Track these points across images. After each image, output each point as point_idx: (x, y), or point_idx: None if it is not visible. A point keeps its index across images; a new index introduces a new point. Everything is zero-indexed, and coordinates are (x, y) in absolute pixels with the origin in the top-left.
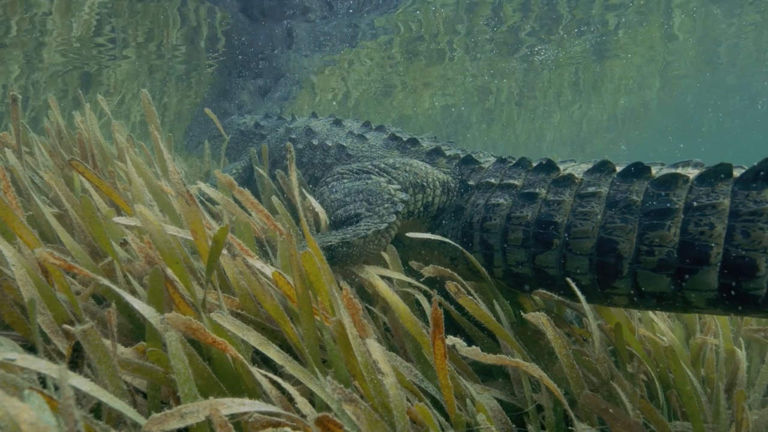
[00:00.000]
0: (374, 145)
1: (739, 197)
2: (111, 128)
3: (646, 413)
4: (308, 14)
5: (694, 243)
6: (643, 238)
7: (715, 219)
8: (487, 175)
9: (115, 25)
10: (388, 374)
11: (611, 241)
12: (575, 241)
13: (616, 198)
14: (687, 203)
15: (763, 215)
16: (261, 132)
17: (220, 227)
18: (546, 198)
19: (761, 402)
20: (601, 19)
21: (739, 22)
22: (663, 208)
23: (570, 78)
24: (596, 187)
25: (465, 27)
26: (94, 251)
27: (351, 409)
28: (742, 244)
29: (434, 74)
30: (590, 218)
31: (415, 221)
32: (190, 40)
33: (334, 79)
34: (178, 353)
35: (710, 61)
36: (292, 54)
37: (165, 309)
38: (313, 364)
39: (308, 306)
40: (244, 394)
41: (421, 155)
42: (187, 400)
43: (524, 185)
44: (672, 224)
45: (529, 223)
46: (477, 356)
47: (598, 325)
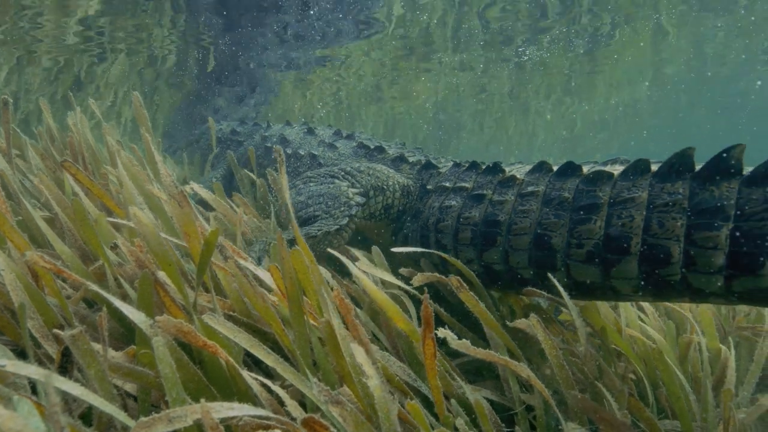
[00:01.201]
0: (344, 154)
1: (656, 190)
2: (102, 131)
3: (635, 412)
4: (284, 22)
5: (617, 235)
6: (573, 232)
7: (635, 211)
8: (443, 179)
9: (104, 27)
10: (373, 377)
11: (546, 236)
12: (515, 237)
13: (551, 196)
14: (611, 198)
15: (676, 206)
16: (238, 138)
17: (212, 230)
18: (492, 198)
19: (751, 400)
20: (591, 22)
21: (726, 24)
22: (590, 204)
23: (561, 78)
24: (535, 187)
25: (451, 29)
26: (85, 255)
27: (337, 411)
28: (658, 233)
29: (424, 78)
30: (528, 216)
31: (378, 223)
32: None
33: (327, 77)
34: (166, 358)
35: (700, 61)
36: (267, 62)
37: (156, 312)
38: (304, 366)
39: (298, 307)
40: (236, 397)
41: (387, 162)
42: (174, 404)
43: (474, 187)
44: (598, 218)
45: (476, 223)
46: (467, 350)
47: (583, 321)
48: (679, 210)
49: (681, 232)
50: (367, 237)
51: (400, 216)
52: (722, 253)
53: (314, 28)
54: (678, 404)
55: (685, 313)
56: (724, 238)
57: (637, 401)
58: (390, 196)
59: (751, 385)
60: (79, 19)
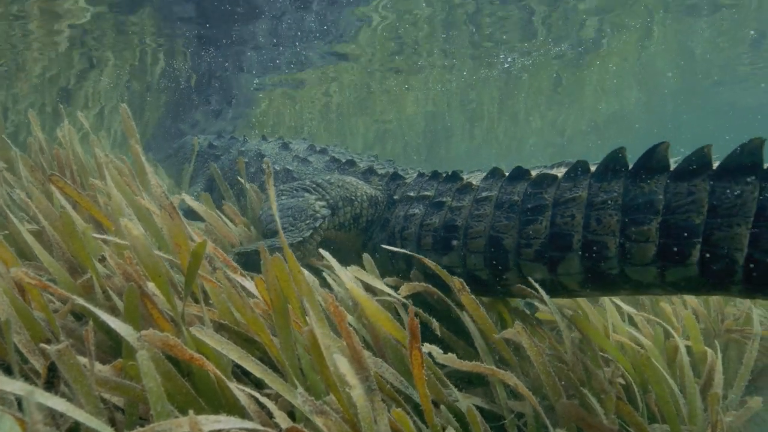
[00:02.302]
0: (317, 168)
1: (594, 189)
2: (90, 142)
3: (625, 416)
4: (258, 39)
5: (561, 233)
6: (522, 232)
7: (576, 210)
8: (408, 189)
9: (89, 45)
10: (356, 386)
11: (498, 237)
12: (472, 240)
13: (503, 200)
14: (555, 199)
15: (611, 203)
16: (215, 153)
17: (199, 241)
18: (451, 205)
19: (740, 402)
20: (579, 27)
21: (711, 26)
22: (536, 205)
23: (549, 84)
24: (489, 192)
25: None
26: (73, 268)
27: (322, 420)
28: (597, 230)
29: (413, 82)
30: (483, 220)
31: (348, 233)
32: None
33: (316, 89)
34: (150, 371)
35: (687, 65)
36: (243, 77)
37: (145, 324)
38: (292, 376)
39: (283, 318)
40: (225, 409)
41: (357, 174)
42: (159, 418)
43: (435, 195)
44: (543, 218)
45: (437, 229)
46: (453, 363)
47: (568, 327)
48: (615, 207)
49: (617, 228)
50: (339, 247)
51: (369, 226)
52: (654, 245)
53: (283, 56)
54: (667, 408)
55: (671, 317)
56: (654, 231)
57: (627, 405)
58: (358, 206)
59: (740, 387)
60: (68, 25)
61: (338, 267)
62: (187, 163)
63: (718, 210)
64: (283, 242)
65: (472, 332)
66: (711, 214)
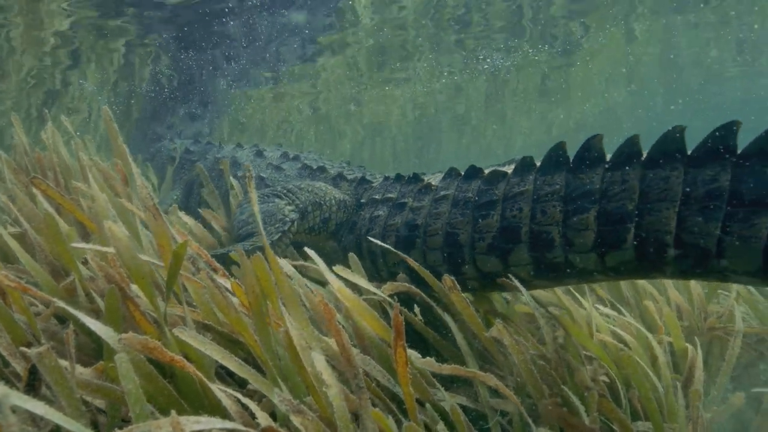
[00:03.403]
0: (290, 175)
1: (539, 183)
2: (74, 146)
3: (608, 413)
4: (232, 43)
5: (510, 225)
6: (476, 227)
7: (524, 203)
8: (374, 192)
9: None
10: (333, 386)
11: (454, 234)
12: (430, 238)
13: (458, 198)
14: (505, 194)
15: (554, 195)
16: (191, 158)
17: (180, 242)
18: (411, 205)
19: (722, 399)
20: (564, 29)
21: (696, 23)
22: (488, 201)
23: (535, 84)
24: (446, 191)
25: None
26: (57, 270)
27: (299, 419)
28: (542, 221)
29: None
30: (440, 217)
31: (318, 236)
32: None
33: (305, 88)
34: (129, 373)
35: (673, 64)
36: (218, 81)
37: (127, 326)
38: (275, 376)
39: (262, 319)
40: (208, 410)
41: (328, 180)
42: (138, 420)
43: (398, 197)
44: (494, 213)
45: (399, 228)
46: (431, 367)
47: (550, 327)
48: (558, 198)
49: (560, 218)
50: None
51: (339, 229)
52: (592, 232)
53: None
54: (649, 405)
55: (654, 315)
56: (592, 219)
57: (609, 403)
58: (327, 210)
59: (722, 384)
60: (53, 32)
61: (324, 267)
62: (169, 165)
63: (648, 195)
64: (265, 244)
65: (454, 332)
66: (642, 199)
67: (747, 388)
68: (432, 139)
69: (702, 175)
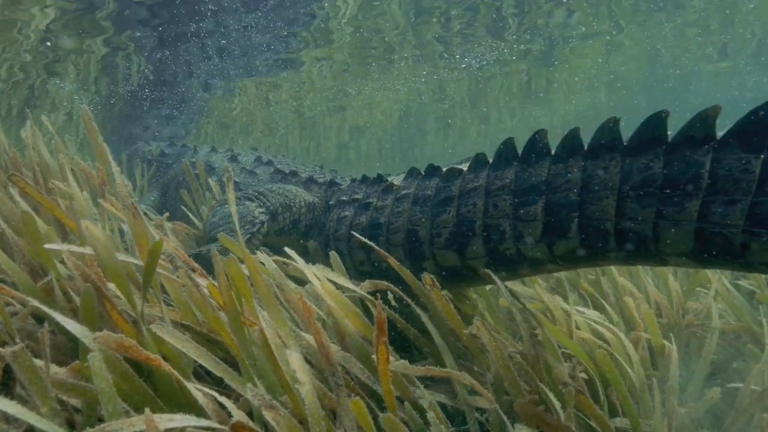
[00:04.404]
0: (262, 179)
1: (491, 178)
2: (53, 146)
3: (585, 409)
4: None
5: (465, 220)
6: (434, 223)
7: (477, 198)
8: (342, 194)
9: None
10: (305, 383)
11: (414, 230)
12: (393, 235)
13: (418, 195)
14: (461, 190)
15: (505, 189)
16: (166, 161)
17: (155, 240)
18: (376, 205)
19: (699, 394)
20: (545, 28)
21: (678, 23)
22: (445, 197)
23: (518, 83)
24: (407, 190)
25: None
26: (35, 270)
27: (271, 415)
28: (494, 214)
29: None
30: (402, 215)
31: (289, 237)
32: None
33: (287, 87)
34: (101, 372)
35: (655, 64)
36: (194, 82)
37: (105, 326)
38: (251, 374)
39: (236, 318)
40: (185, 409)
41: (299, 183)
42: (111, 418)
43: (363, 197)
44: (451, 208)
45: (364, 228)
46: (405, 369)
47: (528, 325)
48: (508, 192)
49: (510, 211)
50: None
51: (308, 230)
52: (540, 223)
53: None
54: (626, 403)
55: (633, 312)
56: (540, 210)
57: (587, 399)
58: (296, 211)
59: (699, 379)
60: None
61: (303, 265)
62: (146, 167)
63: (590, 185)
64: (241, 243)
65: (430, 330)
66: (584, 190)
67: (724, 383)
68: (417, 139)
69: (637, 164)
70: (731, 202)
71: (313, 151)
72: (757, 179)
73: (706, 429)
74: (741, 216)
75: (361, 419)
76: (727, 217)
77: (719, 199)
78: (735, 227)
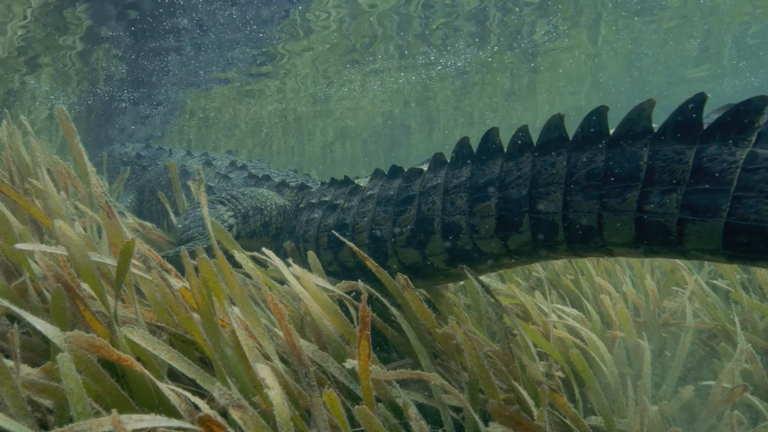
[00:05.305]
0: (236, 183)
1: (449, 177)
2: (31, 145)
3: (560, 408)
4: (182, 45)
5: (425, 218)
6: (396, 222)
7: (436, 197)
8: (312, 197)
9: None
10: (274, 387)
11: (378, 230)
12: (358, 235)
13: (382, 196)
14: (420, 189)
15: (461, 187)
16: (142, 163)
17: (127, 240)
18: (343, 206)
19: (673, 392)
20: (528, 30)
21: (658, 28)
22: (406, 197)
23: (502, 83)
24: (372, 191)
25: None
26: (9, 270)
27: (238, 414)
28: (451, 211)
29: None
30: (366, 215)
31: (260, 239)
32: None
33: (270, 90)
34: (70, 373)
35: (636, 66)
36: (169, 81)
37: (78, 326)
38: (224, 374)
39: (210, 320)
40: (158, 410)
41: (272, 187)
42: (79, 418)
43: (331, 199)
44: (412, 207)
45: (331, 229)
46: (377, 375)
47: (503, 324)
48: (464, 189)
49: (466, 207)
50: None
51: (279, 233)
52: (494, 218)
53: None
54: (599, 401)
55: (609, 310)
56: (494, 206)
57: (561, 397)
58: (267, 214)
59: (673, 378)
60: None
61: (281, 264)
62: (122, 168)
63: (539, 180)
64: (215, 245)
65: (406, 330)
66: (533, 184)
67: (699, 381)
68: (402, 139)
69: (582, 158)
70: (667, 191)
71: (297, 153)
72: (690, 169)
73: (681, 426)
74: (676, 205)
75: (334, 411)
76: (664, 207)
77: (656, 190)
78: (671, 216)
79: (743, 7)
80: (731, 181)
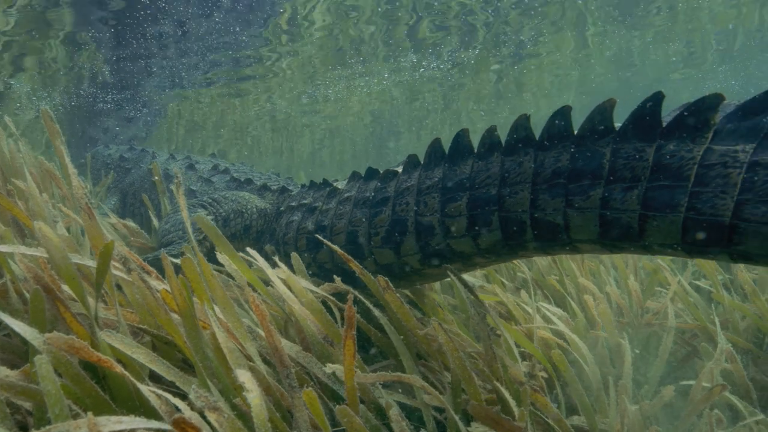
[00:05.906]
0: (219, 187)
1: (422, 178)
2: (12, 146)
3: (542, 408)
4: (165, 47)
5: (399, 219)
6: (371, 223)
7: (410, 197)
8: (292, 200)
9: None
10: (253, 390)
11: (354, 231)
12: (335, 236)
13: (359, 198)
14: (395, 190)
15: (434, 187)
16: (126, 165)
17: (107, 242)
18: (321, 208)
19: (654, 392)
20: (516, 30)
21: (642, 35)
22: (382, 198)
23: (489, 84)
24: (349, 192)
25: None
26: None
27: (214, 416)
28: (424, 211)
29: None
30: (344, 217)
31: (241, 242)
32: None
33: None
34: (48, 374)
35: (624, 67)
36: (151, 83)
37: (59, 328)
38: (204, 377)
39: (191, 321)
40: (139, 411)
41: (254, 191)
42: (57, 420)
43: (310, 202)
44: (386, 208)
45: (310, 231)
46: (359, 378)
47: (486, 325)
48: (436, 190)
49: (438, 207)
50: None
51: (260, 236)
52: (465, 218)
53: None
54: (582, 401)
55: (592, 310)
56: (464, 205)
57: (543, 397)
58: (248, 217)
59: (655, 377)
60: None
61: (265, 265)
62: (104, 171)
63: (507, 180)
64: (195, 248)
65: (388, 332)
66: (502, 184)
67: (680, 381)
68: (390, 140)
69: (548, 158)
70: (629, 188)
71: (286, 153)
72: (650, 166)
73: (661, 425)
74: (637, 201)
75: (313, 410)
76: (626, 203)
77: (618, 186)
78: (633, 212)
79: (727, 13)
80: (689, 177)
